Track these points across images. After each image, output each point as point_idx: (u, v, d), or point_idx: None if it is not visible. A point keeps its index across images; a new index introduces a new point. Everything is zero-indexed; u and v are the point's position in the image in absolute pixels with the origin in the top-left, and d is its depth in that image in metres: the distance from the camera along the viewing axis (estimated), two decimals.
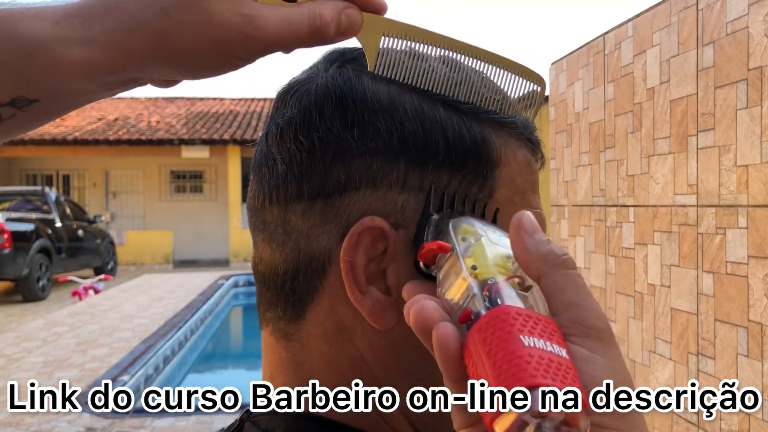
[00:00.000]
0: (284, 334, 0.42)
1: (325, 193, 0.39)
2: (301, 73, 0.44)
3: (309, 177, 0.39)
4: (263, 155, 0.42)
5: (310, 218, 0.39)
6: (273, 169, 0.41)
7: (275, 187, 0.40)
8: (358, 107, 0.39)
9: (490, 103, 0.41)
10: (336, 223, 0.39)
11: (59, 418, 3.63)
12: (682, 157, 2.50)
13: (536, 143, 0.44)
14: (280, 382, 0.42)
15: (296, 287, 0.40)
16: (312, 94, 0.40)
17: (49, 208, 10.70)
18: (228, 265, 14.60)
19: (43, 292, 9.80)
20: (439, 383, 0.40)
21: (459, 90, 0.40)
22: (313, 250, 0.39)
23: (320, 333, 0.40)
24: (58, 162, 16.00)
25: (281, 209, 0.40)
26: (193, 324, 6.70)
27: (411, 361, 0.40)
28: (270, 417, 0.41)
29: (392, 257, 0.39)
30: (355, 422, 0.40)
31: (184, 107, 17.79)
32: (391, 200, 0.38)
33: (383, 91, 0.39)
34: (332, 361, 0.40)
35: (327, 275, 0.39)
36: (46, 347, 5.51)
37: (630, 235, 2.95)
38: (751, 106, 2.11)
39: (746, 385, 2.15)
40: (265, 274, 0.42)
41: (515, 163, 0.41)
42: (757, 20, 2.08)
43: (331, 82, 0.40)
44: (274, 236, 0.41)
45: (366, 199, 0.38)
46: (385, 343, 0.39)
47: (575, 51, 3.62)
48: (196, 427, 3.58)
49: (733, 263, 2.21)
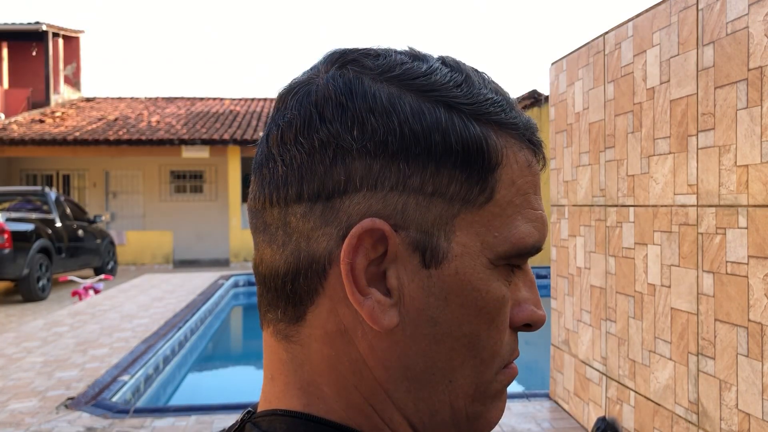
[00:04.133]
0: (285, 335, 0.42)
1: (326, 194, 0.39)
2: (301, 74, 0.44)
3: (309, 179, 0.39)
4: (264, 156, 0.42)
5: (310, 220, 0.39)
6: (273, 170, 0.41)
7: (275, 189, 0.40)
8: (359, 108, 0.39)
9: (491, 103, 0.41)
10: (336, 225, 0.39)
11: (59, 418, 3.63)
12: (682, 157, 2.50)
13: (537, 144, 0.44)
14: (281, 383, 0.42)
15: (296, 289, 0.40)
16: (312, 96, 0.40)
17: (49, 208, 10.70)
18: (228, 265, 14.61)
19: (43, 292, 9.80)
20: (438, 385, 0.40)
21: (460, 91, 0.40)
22: (313, 252, 0.39)
23: (321, 335, 0.40)
24: (58, 162, 16.01)
25: (281, 211, 0.40)
26: (193, 324, 6.70)
27: (411, 362, 0.40)
28: (271, 418, 0.41)
29: (393, 259, 0.39)
30: (355, 424, 0.40)
31: (184, 107, 17.79)
32: (391, 202, 0.38)
33: (384, 92, 0.39)
34: (333, 362, 0.40)
35: (327, 277, 0.39)
36: (46, 347, 5.51)
37: (630, 235, 2.95)
38: (751, 106, 2.11)
39: (746, 384, 2.15)
40: (265, 276, 0.42)
41: (516, 165, 0.41)
42: (757, 20, 2.08)
43: (331, 84, 0.40)
44: (275, 238, 0.41)
45: (366, 201, 0.38)
46: (386, 345, 0.39)
47: (575, 51, 3.62)
48: (196, 427, 3.58)
49: (733, 263, 2.21)
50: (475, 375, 0.41)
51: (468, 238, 0.39)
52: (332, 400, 0.41)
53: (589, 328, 3.42)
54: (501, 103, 0.42)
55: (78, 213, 11.73)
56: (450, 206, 0.39)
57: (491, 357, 0.41)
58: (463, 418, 0.42)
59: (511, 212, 0.41)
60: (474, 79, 0.42)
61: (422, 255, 0.39)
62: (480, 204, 0.40)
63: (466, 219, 0.39)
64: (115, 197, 16.47)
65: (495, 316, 0.41)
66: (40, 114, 16.49)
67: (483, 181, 0.40)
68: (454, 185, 0.39)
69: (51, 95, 17.85)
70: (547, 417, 3.72)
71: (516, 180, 0.41)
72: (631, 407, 2.94)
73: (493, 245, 0.40)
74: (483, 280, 0.40)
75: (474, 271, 0.39)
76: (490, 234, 0.40)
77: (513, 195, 0.41)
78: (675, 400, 2.59)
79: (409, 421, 0.41)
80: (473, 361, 0.41)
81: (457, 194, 0.39)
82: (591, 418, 3.41)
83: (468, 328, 0.40)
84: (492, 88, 0.42)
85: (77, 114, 16.83)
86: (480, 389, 0.42)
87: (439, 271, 0.39)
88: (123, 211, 16.39)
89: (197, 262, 15.78)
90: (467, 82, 0.41)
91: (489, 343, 0.41)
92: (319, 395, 0.41)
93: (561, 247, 3.85)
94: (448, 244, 0.39)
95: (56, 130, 14.72)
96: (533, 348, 6.24)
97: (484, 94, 0.41)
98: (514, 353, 0.44)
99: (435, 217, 0.39)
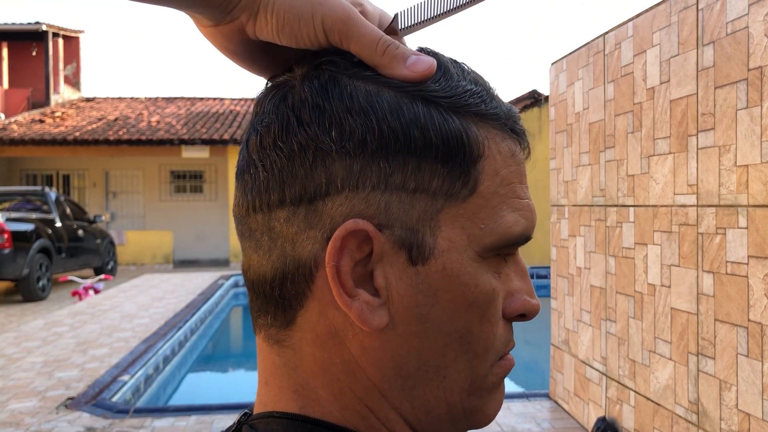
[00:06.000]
0: (276, 340, 0.42)
1: (308, 198, 0.38)
2: (277, 78, 0.43)
3: (291, 183, 0.39)
4: (245, 162, 0.42)
5: (294, 224, 0.39)
6: (255, 176, 0.40)
7: (258, 194, 0.40)
8: (336, 109, 0.38)
9: (470, 95, 0.40)
10: (320, 228, 0.38)
11: (59, 418, 3.63)
12: (682, 157, 2.50)
13: (520, 133, 0.43)
14: (275, 387, 0.42)
15: (285, 294, 0.40)
16: (289, 99, 0.40)
17: (49, 208, 10.70)
18: (228, 265, 14.61)
19: (43, 292, 9.80)
20: (432, 381, 0.40)
21: (438, 84, 0.40)
22: (299, 256, 0.39)
23: (312, 338, 0.40)
24: (58, 162, 16.01)
25: (265, 216, 0.40)
26: (193, 324, 6.69)
27: (404, 361, 0.40)
28: (267, 420, 0.41)
29: (379, 258, 0.38)
30: (352, 425, 0.40)
31: (184, 107, 17.79)
32: (374, 201, 0.38)
33: (361, 90, 0.39)
34: (326, 365, 0.40)
35: (315, 280, 0.39)
36: (46, 347, 5.51)
37: (630, 235, 2.95)
38: (751, 106, 2.11)
39: (746, 384, 2.15)
40: (254, 282, 0.42)
41: (499, 155, 0.41)
42: (757, 20, 2.08)
43: (307, 85, 0.40)
44: (260, 244, 0.41)
45: (349, 202, 0.38)
46: (377, 345, 0.39)
47: (575, 51, 3.62)
48: (196, 427, 3.58)
49: (733, 263, 2.21)
50: (470, 369, 0.41)
51: (454, 232, 0.39)
52: (327, 403, 0.41)
53: (589, 328, 3.42)
54: (480, 93, 0.41)
55: (78, 213, 11.72)
56: (433, 201, 0.39)
57: (485, 350, 0.41)
58: (460, 412, 0.42)
59: (496, 203, 0.40)
60: (452, 71, 0.41)
61: (408, 252, 0.38)
62: (464, 197, 0.39)
63: (450, 213, 0.39)
64: (115, 197, 16.46)
65: (486, 310, 0.40)
66: (40, 114, 16.49)
67: (465, 174, 0.39)
68: (436, 180, 0.39)
69: (51, 95, 17.85)
70: (547, 417, 3.72)
71: (499, 170, 0.41)
72: (631, 407, 2.94)
73: (480, 238, 0.39)
74: (471, 274, 0.39)
75: (462, 265, 0.39)
76: (476, 227, 0.39)
77: (497, 186, 0.40)
78: (675, 400, 2.59)
79: (405, 419, 0.41)
80: (466, 356, 0.41)
81: (439, 189, 0.39)
82: (591, 418, 3.41)
83: (459, 323, 0.40)
84: (471, 79, 0.42)
85: (77, 114, 16.83)
86: (475, 383, 0.42)
87: (427, 268, 0.39)
88: (123, 211, 16.39)
89: (197, 262, 15.79)
90: (445, 75, 0.40)
91: (481, 337, 0.41)
92: (314, 398, 0.41)
93: (561, 247, 3.85)
94: (434, 240, 0.39)
95: (56, 130, 14.72)
96: (533, 348, 6.24)
97: (462, 85, 0.40)
98: (509, 344, 0.44)
99: (419, 213, 0.38)
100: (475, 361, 0.41)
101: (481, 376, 0.42)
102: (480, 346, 0.41)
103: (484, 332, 0.41)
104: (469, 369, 0.41)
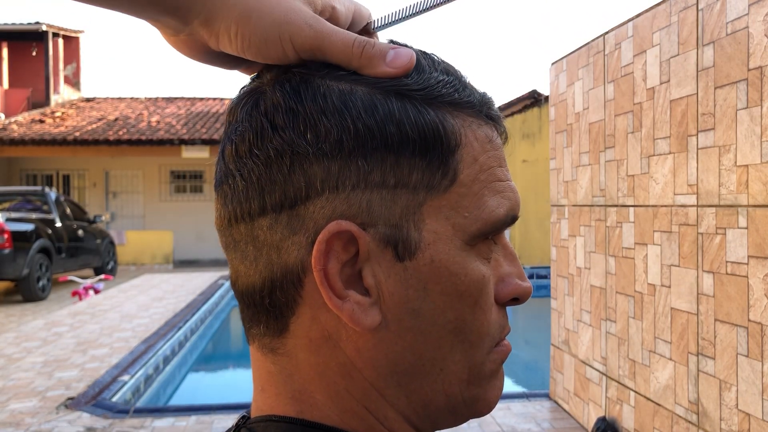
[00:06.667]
0: (270, 349, 0.41)
1: (289, 203, 0.38)
2: (248, 84, 0.43)
3: (270, 190, 0.38)
4: (222, 173, 0.41)
5: (277, 231, 0.39)
6: (233, 186, 0.40)
7: (238, 204, 0.40)
8: (309, 111, 0.38)
9: (443, 85, 0.40)
10: (304, 233, 0.38)
11: (59, 418, 3.63)
12: (682, 157, 2.50)
13: (496, 118, 0.43)
14: (272, 393, 0.42)
15: (275, 302, 0.40)
16: (261, 105, 0.39)
17: (49, 208, 10.70)
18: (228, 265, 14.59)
19: (43, 292, 9.79)
20: (429, 375, 0.40)
21: (410, 78, 0.40)
22: (285, 263, 0.39)
23: (306, 344, 0.40)
24: (58, 162, 16.01)
25: (248, 226, 0.40)
26: (193, 324, 6.69)
27: (399, 357, 0.40)
28: (266, 424, 0.41)
29: (366, 258, 0.38)
30: (350, 427, 0.40)
31: (184, 107, 17.79)
32: (355, 201, 0.38)
33: (334, 90, 0.39)
34: (322, 369, 0.40)
35: (304, 286, 0.39)
36: (46, 347, 5.51)
37: (630, 235, 2.95)
38: (751, 106, 2.11)
39: (746, 384, 2.15)
40: (243, 293, 0.42)
41: (476, 142, 0.41)
42: (757, 20, 2.08)
43: (279, 89, 0.39)
44: (246, 254, 0.41)
45: (330, 204, 0.38)
46: (372, 344, 0.39)
47: (575, 51, 3.62)
48: (196, 427, 3.58)
49: (733, 263, 2.21)
50: (467, 359, 0.41)
51: (438, 224, 0.39)
52: (325, 407, 0.40)
53: (589, 328, 3.42)
54: (453, 83, 0.41)
55: (78, 213, 11.72)
56: (415, 195, 0.38)
57: (480, 339, 0.41)
58: (460, 403, 0.42)
59: (477, 189, 0.40)
60: (423, 63, 0.41)
61: (395, 249, 0.38)
62: (445, 188, 0.39)
63: (433, 205, 0.39)
64: (115, 197, 16.47)
65: (477, 298, 0.40)
66: (40, 114, 16.50)
67: (444, 164, 0.39)
68: (415, 174, 0.38)
69: (51, 95, 17.85)
70: (547, 417, 3.72)
71: (478, 157, 0.41)
72: (631, 407, 2.94)
73: (465, 226, 0.39)
74: (460, 264, 0.39)
75: (449, 256, 0.39)
76: (460, 215, 0.39)
77: (477, 172, 0.40)
78: (675, 400, 2.59)
79: (404, 415, 0.41)
80: (462, 346, 0.41)
81: (420, 182, 0.39)
82: (591, 418, 3.41)
83: (452, 314, 0.40)
84: (442, 69, 0.41)
85: (77, 114, 16.84)
86: (473, 372, 0.42)
87: (414, 263, 0.39)
88: (123, 211, 16.38)
89: (197, 262, 15.79)
90: (416, 67, 0.40)
91: (476, 326, 0.41)
92: (312, 403, 0.41)
93: (561, 247, 3.85)
94: (419, 234, 0.39)
95: (56, 130, 14.72)
96: (533, 348, 6.24)
97: (434, 77, 0.40)
98: (504, 330, 0.43)
99: (401, 209, 0.38)
100: (471, 350, 0.41)
101: (479, 365, 0.42)
102: (475, 335, 0.41)
103: (477, 320, 0.41)
104: (465, 359, 0.41)
